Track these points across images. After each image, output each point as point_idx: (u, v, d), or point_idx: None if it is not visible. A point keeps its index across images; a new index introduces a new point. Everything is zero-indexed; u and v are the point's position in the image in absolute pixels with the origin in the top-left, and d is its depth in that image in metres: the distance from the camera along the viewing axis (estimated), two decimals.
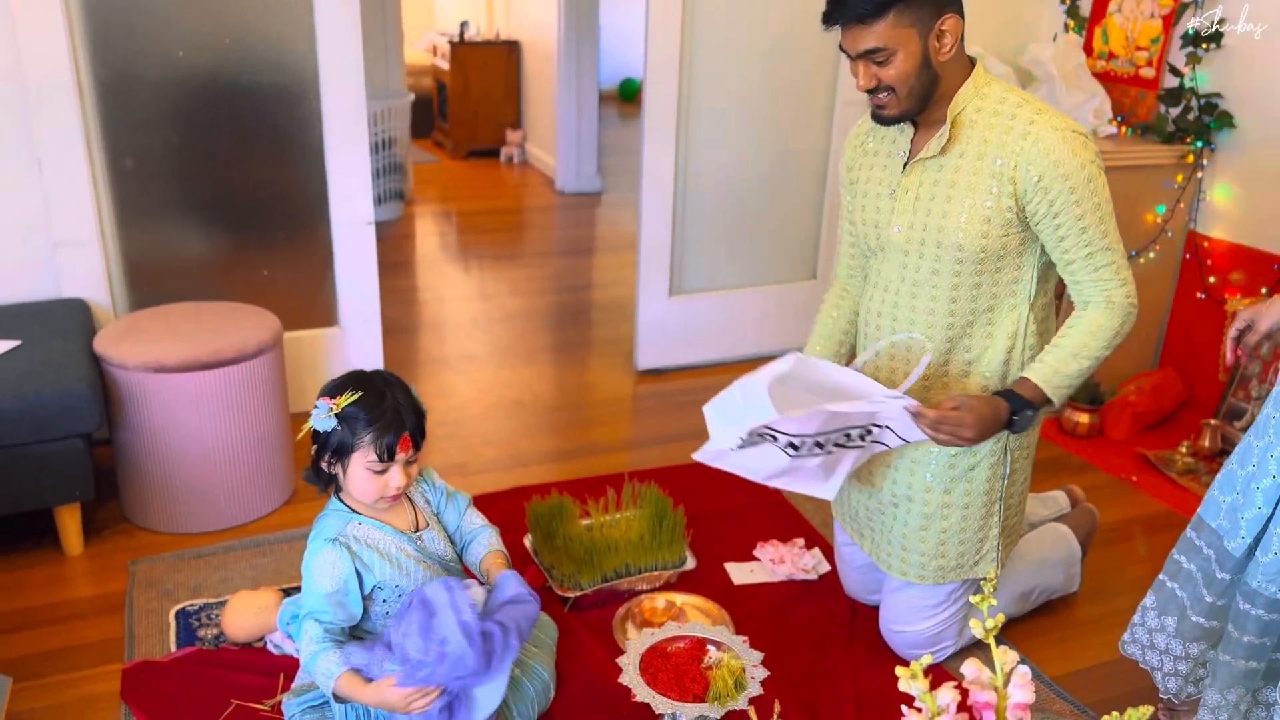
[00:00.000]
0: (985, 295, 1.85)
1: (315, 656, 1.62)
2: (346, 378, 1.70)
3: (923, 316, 1.88)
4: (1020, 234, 1.80)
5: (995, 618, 1.17)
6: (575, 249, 5.26)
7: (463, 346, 3.79)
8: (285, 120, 2.88)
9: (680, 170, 3.35)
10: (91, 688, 1.96)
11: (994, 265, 1.82)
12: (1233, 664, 1.71)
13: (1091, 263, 1.78)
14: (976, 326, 1.87)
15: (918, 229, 1.84)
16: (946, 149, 1.80)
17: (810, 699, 1.97)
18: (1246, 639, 1.69)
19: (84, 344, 2.43)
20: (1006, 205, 1.76)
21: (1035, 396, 1.79)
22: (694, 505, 2.59)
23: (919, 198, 1.84)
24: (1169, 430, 3.16)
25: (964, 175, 1.78)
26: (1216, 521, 1.74)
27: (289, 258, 3.03)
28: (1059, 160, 1.71)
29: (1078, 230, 1.75)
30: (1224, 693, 1.74)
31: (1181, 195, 3.14)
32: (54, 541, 2.39)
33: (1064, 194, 1.72)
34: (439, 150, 7.41)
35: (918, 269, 1.87)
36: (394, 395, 1.68)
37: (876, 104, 1.79)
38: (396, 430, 1.65)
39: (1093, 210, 1.74)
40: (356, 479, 1.67)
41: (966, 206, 1.78)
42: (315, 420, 1.63)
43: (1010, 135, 1.74)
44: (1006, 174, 1.74)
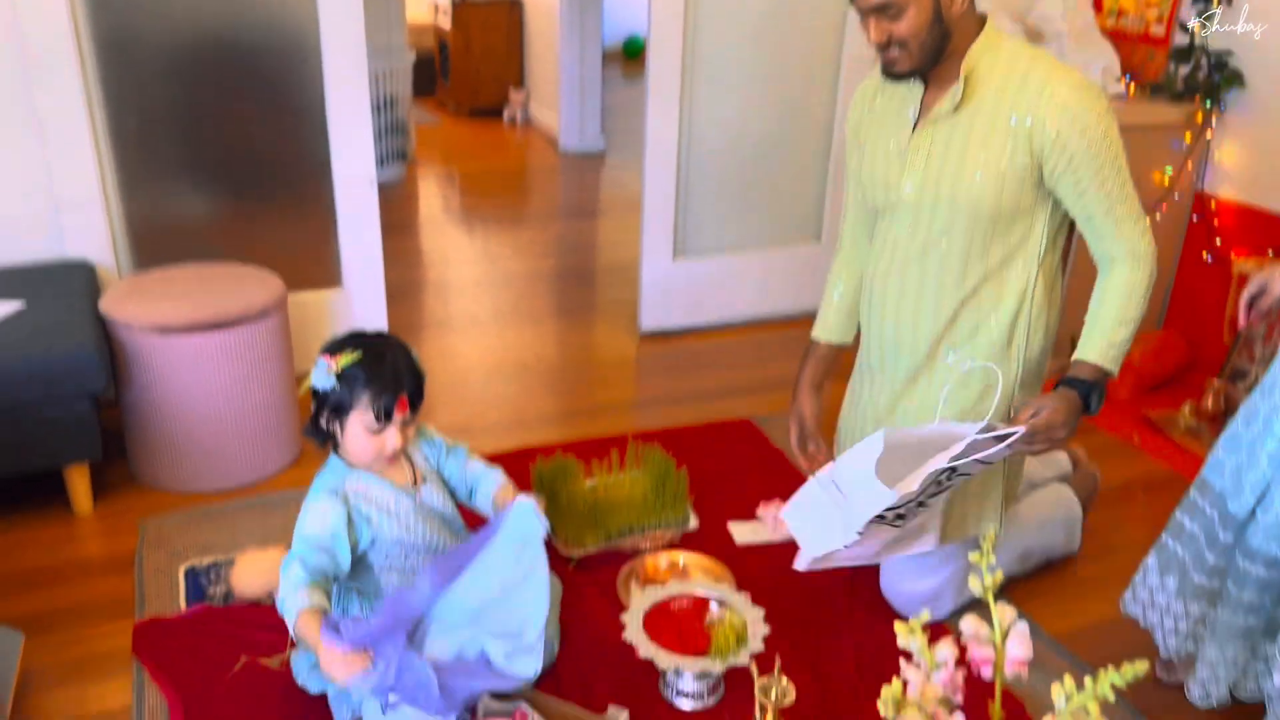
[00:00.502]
0: (996, 254, 1.84)
1: (288, 594, 1.57)
2: (347, 337, 1.71)
3: (932, 276, 1.87)
4: (1034, 192, 1.79)
5: (994, 575, 1.19)
6: (578, 211, 5.24)
7: (466, 309, 3.79)
8: (286, 80, 2.86)
9: (684, 131, 3.32)
10: (103, 644, 1.99)
11: (1006, 224, 1.81)
12: (1232, 621, 1.73)
13: (1112, 216, 1.77)
14: (986, 286, 1.87)
15: (930, 188, 1.83)
16: (960, 106, 1.78)
17: (811, 655, 1.99)
18: (1246, 596, 1.71)
19: (89, 305, 2.44)
20: (1021, 163, 1.75)
21: (1097, 375, 1.80)
22: (697, 466, 2.60)
23: (931, 156, 1.82)
24: (1172, 391, 3.16)
25: (978, 133, 1.77)
26: (1220, 483, 1.76)
27: (292, 219, 3.02)
28: (1076, 115, 1.70)
29: (1097, 184, 1.74)
30: (1222, 648, 1.76)
31: (1189, 155, 3.12)
32: (64, 501, 2.41)
33: (1082, 149, 1.71)
34: (441, 110, 7.36)
35: (929, 229, 1.86)
36: (393, 357, 1.69)
37: (887, 60, 1.77)
38: (394, 391, 1.66)
39: (1110, 163, 1.73)
40: (354, 438, 1.68)
41: (981, 164, 1.77)
42: (315, 378, 1.65)
43: (1025, 92, 1.72)
44: (1022, 131, 1.73)
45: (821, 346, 2.16)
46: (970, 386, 1.93)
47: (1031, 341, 1.90)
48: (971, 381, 1.93)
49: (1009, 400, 1.93)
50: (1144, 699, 1.93)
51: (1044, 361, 1.96)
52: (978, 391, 1.93)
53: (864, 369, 2.09)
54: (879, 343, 2.00)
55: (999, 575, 1.20)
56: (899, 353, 1.96)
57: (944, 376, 1.93)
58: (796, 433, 2.13)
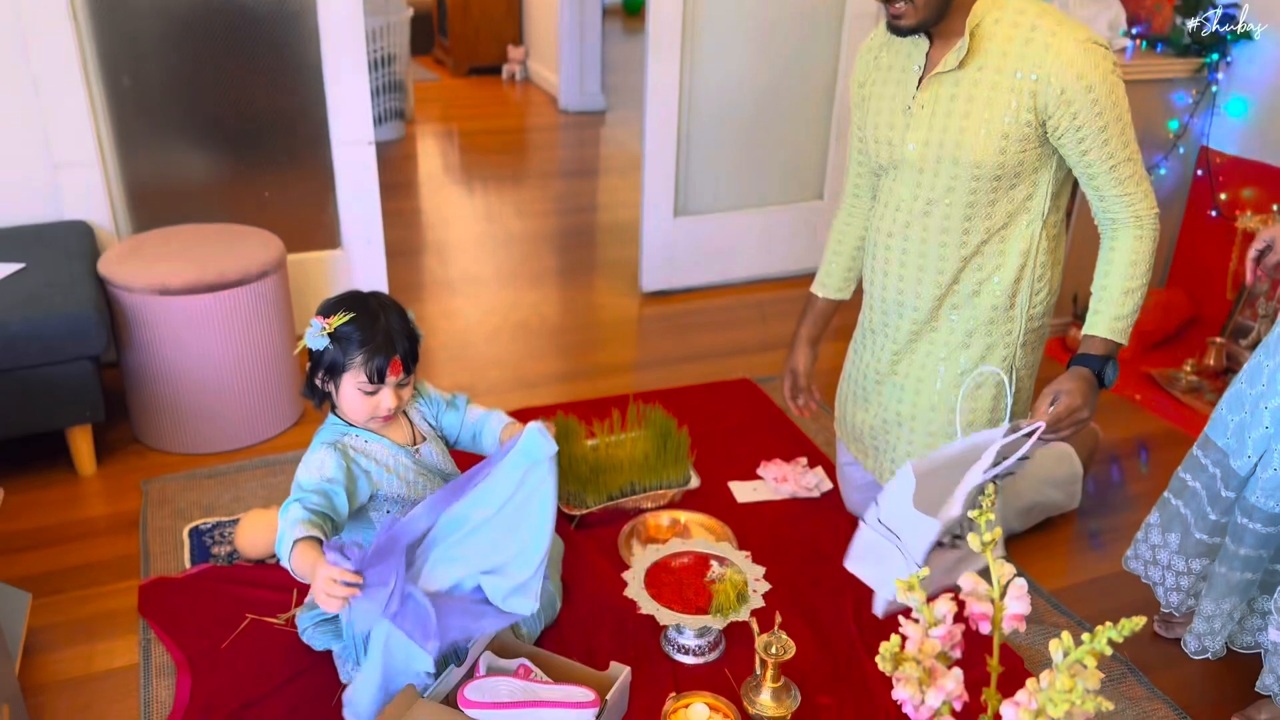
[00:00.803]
0: (1000, 213, 1.83)
1: (285, 530, 1.55)
2: (343, 297, 1.71)
3: (935, 235, 1.86)
4: (1038, 150, 1.77)
5: (993, 532, 1.19)
6: (579, 170, 5.20)
7: (467, 269, 3.78)
8: (282, 38, 2.82)
9: (685, 87, 3.29)
10: (109, 603, 2.01)
11: (1009, 182, 1.80)
12: (1229, 575, 1.75)
13: (1115, 175, 1.75)
14: (989, 245, 1.86)
15: (933, 145, 1.81)
16: (965, 62, 1.76)
17: (811, 611, 2.01)
18: (1244, 552, 1.72)
19: (88, 266, 2.43)
20: (1026, 120, 1.73)
21: (1107, 349, 1.79)
22: (698, 425, 2.61)
23: (935, 113, 1.80)
24: (1174, 349, 3.16)
25: (983, 89, 1.75)
26: (1223, 440, 1.76)
27: (290, 179, 3.00)
28: (1082, 72, 1.67)
29: (1101, 143, 1.72)
30: (1219, 602, 1.77)
31: (1194, 110, 3.08)
32: (67, 462, 2.42)
33: (1087, 106, 1.69)
34: (439, 68, 7.29)
35: (932, 187, 1.84)
36: (387, 318, 1.68)
37: (893, 13, 1.74)
38: (387, 353, 1.66)
39: (1115, 121, 1.72)
40: (348, 398, 1.69)
41: (985, 121, 1.75)
42: (309, 338, 1.65)
43: (1031, 47, 1.70)
44: (1027, 87, 1.71)
45: (820, 302, 2.19)
46: (982, 395, 1.94)
47: (1035, 300, 1.90)
48: (983, 390, 1.93)
49: (1011, 362, 1.93)
50: (1141, 654, 1.95)
51: (1047, 320, 1.96)
52: (991, 396, 1.94)
53: (865, 329, 2.09)
54: (881, 302, 2.00)
55: (998, 532, 1.20)
56: (901, 312, 1.96)
57: (946, 336, 1.93)
58: (790, 384, 2.22)
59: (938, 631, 1.17)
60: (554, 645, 1.88)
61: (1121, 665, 1.92)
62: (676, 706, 1.73)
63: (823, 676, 1.84)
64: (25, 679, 1.81)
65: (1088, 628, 2.00)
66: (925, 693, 1.11)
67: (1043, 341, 1.99)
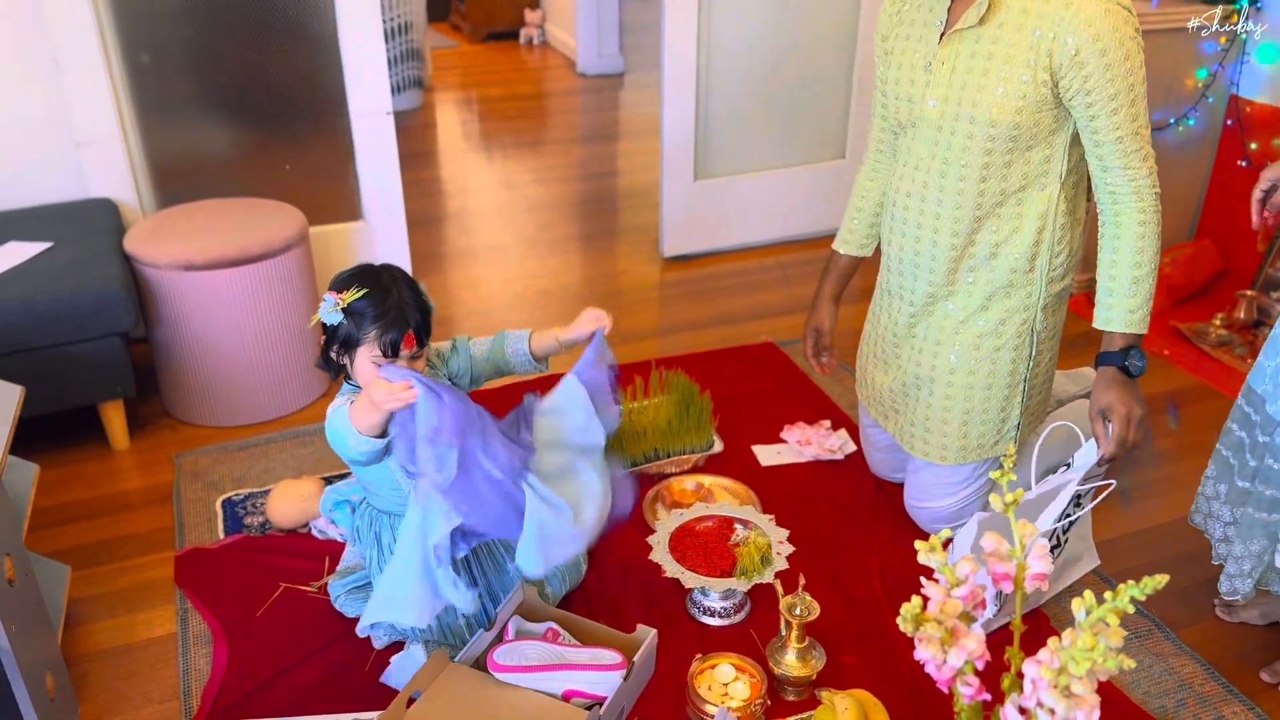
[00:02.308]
0: (1016, 175, 1.80)
1: (332, 414, 1.67)
2: (355, 272, 1.72)
3: (951, 196, 1.84)
4: (1054, 111, 1.74)
5: (1015, 492, 1.19)
6: (598, 134, 5.17)
7: (488, 237, 3.79)
8: (298, 8, 2.82)
9: (703, 48, 3.25)
10: (146, 574, 2.06)
11: (1026, 144, 1.77)
12: (1257, 516, 1.75)
13: (1121, 147, 1.72)
14: (1006, 207, 1.83)
15: (952, 103, 1.78)
16: (986, 19, 1.72)
17: (835, 572, 2.02)
18: (1270, 493, 1.73)
19: (114, 243, 2.46)
20: (1042, 79, 1.70)
21: (1128, 340, 1.78)
22: (721, 390, 2.61)
23: (955, 70, 1.77)
24: (1203, 302, 3.12)
25: (1002, 47, 1.72)
26: (1262, 386, 1.76)
27: (310, 151, 3.01)
28: (1099, 34, 1.64)
29: (1109, 111, 1.69)
30: (1248, 544, 1.77)
31: (1224, 58, 3.02)
32: (101, 437, 2.47)
33: (1099, 70, 1.65)
34: (457, 34, 7.24)
35: (949, 146, 1.82)
36: (399, 293, 1.69)
37: None
38: (400, 328, 1.67)
39: (1126, 91, 1.67)
40: (363, 371, 1.70)
41: (1003, 79, 1.72)
42: (323, 313, 1.66)
43: (1051, 5, 1.66)
44: (1044, 45, 1.68)
45: (842, 259, 2.18)
46: (1001, 358, 1.93)
47: (1055, 263, 1.87)
48: (1002, 353, 1.93)
49: (1032, 325, 1.92)
50: (1168, 610, 1.95)
51: (1069, 282, 1.94)
52: (1010, 360, 1.93)
53: (883, 291, 2.08)
54: (899, 263, 1.98)
55: (1020, 493, 1.20)
56: (917, 274, 1.94)
57: (964, 299, 1.92)
58: (813, 342, 2.23)
59: (960, 592, 1.17)
60: (581, 609, 1.91)
61: (1149, 621, 1.92)
62: (703, 668, 1.75)
63: (848, 637, 1.86)
64: (68, 650, 1.86)
65: (1111, 584, 2.00)
66: (947, 653, 1.12)
67: (1064, 304, 1.97)
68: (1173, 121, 3.05)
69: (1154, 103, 3.01)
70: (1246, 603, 1.92)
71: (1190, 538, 2.07)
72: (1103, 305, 1.81)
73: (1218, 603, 1.96)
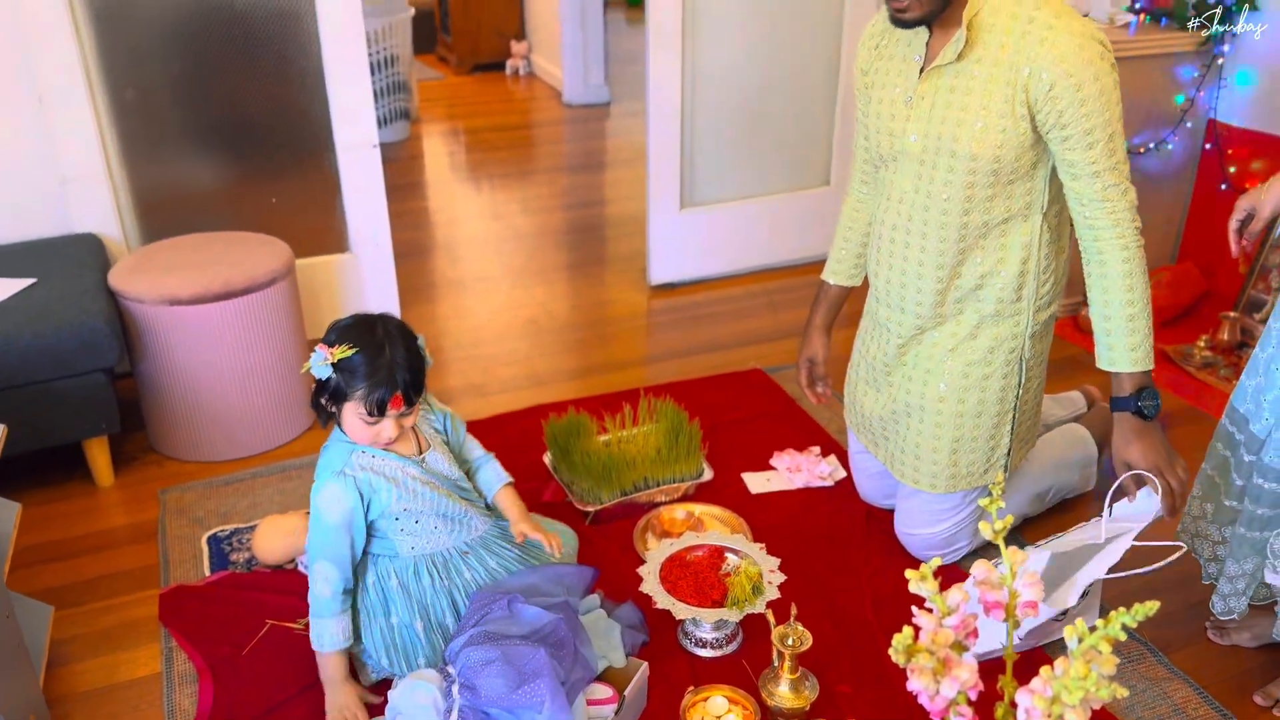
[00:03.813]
0: (999, 207, 1.80)
1: (326, 606, 1.71)
2: (350, 325, 1.70)
3: (935, 229, 1.85)
4: (1034, 145, 1.74)
5: (1004, 520, 1.19)
6: (585, 164, 5.20)
7: (476, 267, 3.79)
8: (283, 43, 2.83)
9: (687, 78, 3.28)
10: (131, 613, 2.03)
11: (1007, 177, 1.77)
12: (1248, 535, 1.76)
13: (1099, 181, 1.72)
14: (990, 238, 1.84)
15: (933, 138, 1.79)
16: (963, 54, 1.73)
17: (827, 601, 2.01)
18: (1261, 512, 1.73)
19: (99, 279, 2.45)
20: (1020, 114, 1.70)
21: (1137, 382, 1.78)
22: (710, 418, 2.61)
23: (935, 105, 1.78)
24: (1188, 324, 3.13)
25: (980, 82, 1.73)
26: (1244, 406, 1.77)
27: (296, 184, 3.01)
28: (1073, 69, 1.64)
29: (1085, 145, 1.69)
30: (1241, 563, 1.78)
31: (1201, 83, 3.05)
32: (85, 474, 2.45)
33: (1074, 105, 1.66)
34: (443, 66, 7.29)
35: (931, 180, 1.82)
36: (392, 350, 1.67)
37: (896, 7, 1.72)
38: (389, 388, 1.66)
39: (1103, 126, 1.68)
40: (351, 424, 1.70)
41: (982, 114, 1.73)
42: (313, 366, 1.65)
43: (1027, 39, 1.67)
44: (1020, 81, 1.68)
45: (832, 289, 2.19)
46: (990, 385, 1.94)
47: (1041, 292, 1.88)
48: (991, 380, 1.93)
49: (1021, 353, 1.92)
50: (1161, 634, 1.94)
51: (1055, 308, 1.95)
52: (999, 387, 1.94)
53: (871, 320, 2.09)
54: (885, 294, 1.99)
55: (1009, 520, 1.20)
56: (904, 306, 1.95)
57: (953, 327, 1.92)
58: (806, 372, 2.24)
59: (951, 621, 1.17)
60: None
61: (1141, 645, 1.91)
62: (695, 700, 1.73)
63: (841, 666, 1.85)
64: (50, 691, 1.83)
65: (1106, 609, 1.99)
66: (940, 683, 1.11)
67: (1050, 330, 1.98)
68: (1152, 145, 3.08)
69: (1134, 127, 3.04)
70: (1238, 625, 1.92)
71: (1180, 561, 2.07)
72: (1103, 346, 1.79)
73: (1210, 625, 1.96)
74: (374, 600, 1.76)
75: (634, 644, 1.84)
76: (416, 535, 1.76)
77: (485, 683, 1.56)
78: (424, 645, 1.76)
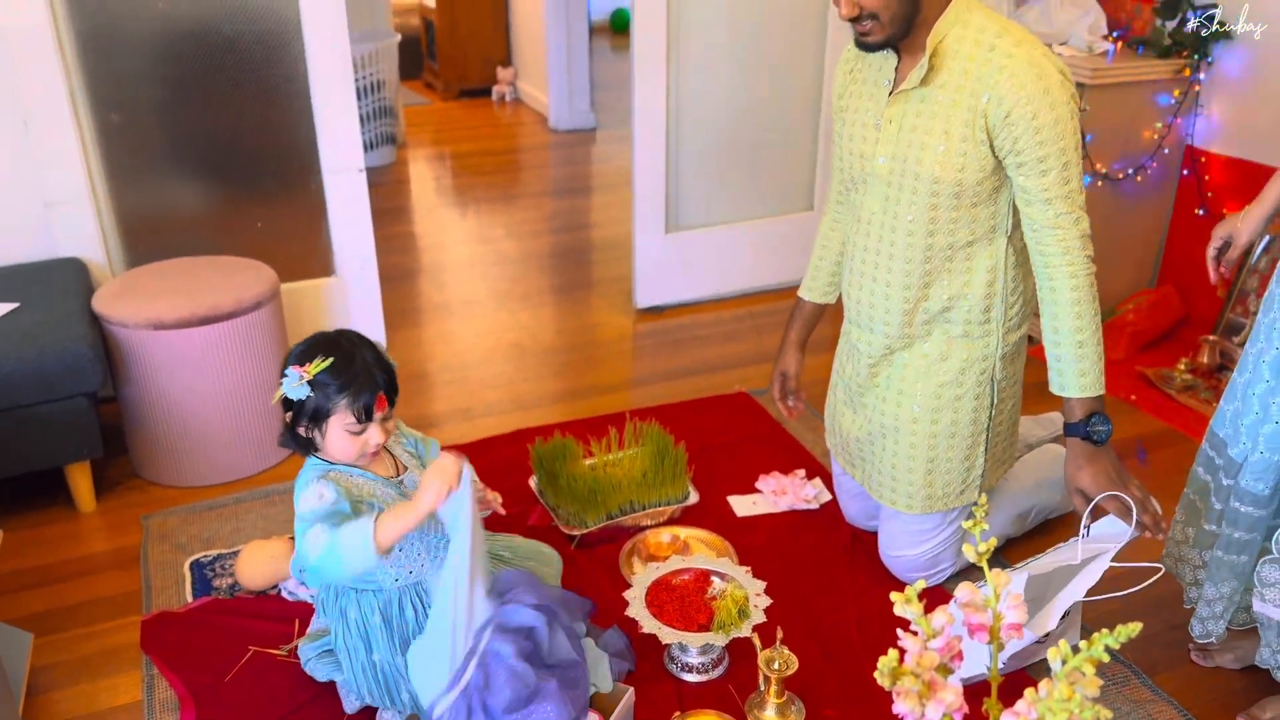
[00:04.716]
0: (963, 230, 1.84)
1: (333, 540, 1.55)
2: (314, 342, 1.69)
3: (901, 250, 1.88)
4: (996, 170, 1.78)
5: (986, 543, 1.20)
6: (571, 188, 5.22)
7: (462, 291, 3.79)
8: (269, 68, 2.84)
9: (672, 104, 3.31)
10: (112, 640, 2.01)
11: (970, 200, 1.80)
12: (1225, 559, 1.77)
13: (1051, 209, 1.74)
14: (956, 261, 1.87)
15: (899, 160, 1.83)
16: (928, 79, 1.77)
17: (813, 623, 2.01)
18: (1238, 535, 1.74)
19: (83, 303, 2.44)
20: (980, 139, 1.74)
21: (1087, 406, 1.80)
22: (695, 441, 2.61)
23: (901, 128, 1.82)
24: (1168, 348, 3.16)
25: (943, 107, 1.76)
26: (1223, 430, 1.79)
27: (282, 209, 3.02)
28: (1028, 98, 1.68)
29: (1038, 172, 1.72)
30: (1219, 586, 1.79)
31: (1178, 110, 3.10)
32: (67, 499, 2.43)
33: (1028, 133, 1.69)
34: (429, 91, 7.32)
35: (898, 201, 1.86)
36: (363, 356, 1.67)
37: (860, 31, 1.77)
38: (371, 390, 1.66)
39: (1056, 154, 1.71)
40: (335, 441, 1.68)
41: (944, 138, 1.76)
42: (287, 389, 1.63)
43: (988, 67, 1.71)
44: (979, 107, 1.72)
45: (807, 305, 2.23)
46: (962, 407, 1.95)
47: (1010, 314, 1.91)
48: (963, 401, 1.95)
49: (991, 375, 1.94)
50: (1145, 656, 1.95)
51: (1025, 330, 1.98)
52: (970, 409, 1.95)
53: (845, 342, 2.12)
54: (856, 315, 2.02)
55: (992, 542, 1.20)
56: (873, 326, 1.98)
57: (922, 348, 1.95)
58: (779, 385, 2.27)
59: (936, 643, 1.17)
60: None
61: (1125, 668, 1.92)
62: None
63: (827, 689, 1.85)
64: (29, 719, 1.81)
65: (1086, 630, 2.00)
66: (925, 706, 1.12)
67: (1022, 351, 2.01)
68: (1131, 171, 3.12)
69: (1113, 153, 3.08)
70: (1221, 647, 1.93)
71: (1163, 582, 2.08)
72: (1054, 371, 1.83)
73: (1193, 647, 1.97)
74: (355, 640, 1.74)
75: (620, 670, 1.83)
76: (399, 565, 1.75)
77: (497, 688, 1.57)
78: (406, 680, 1.74)
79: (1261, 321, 1.72)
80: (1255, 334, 1.74)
